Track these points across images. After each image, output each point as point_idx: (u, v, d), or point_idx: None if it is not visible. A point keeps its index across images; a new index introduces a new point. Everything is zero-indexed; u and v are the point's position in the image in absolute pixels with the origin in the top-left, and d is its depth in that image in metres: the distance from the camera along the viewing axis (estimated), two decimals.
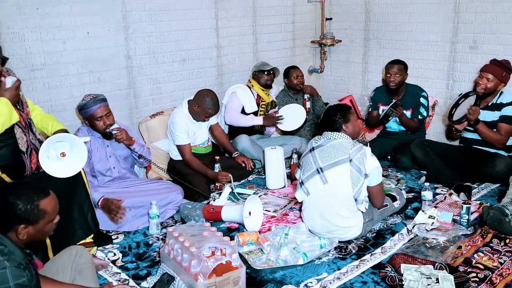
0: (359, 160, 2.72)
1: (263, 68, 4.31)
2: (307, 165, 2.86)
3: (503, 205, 3.04)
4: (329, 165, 2.76)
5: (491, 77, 3.65)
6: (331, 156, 2.77)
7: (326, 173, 2.77)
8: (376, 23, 4.88)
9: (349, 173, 2.72)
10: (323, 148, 2.81)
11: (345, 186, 2.75)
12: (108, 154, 3.27)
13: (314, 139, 2.92)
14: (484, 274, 2.52)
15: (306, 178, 2.86)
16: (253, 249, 2.79)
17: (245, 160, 3.94)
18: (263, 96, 4.32)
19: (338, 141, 2.79)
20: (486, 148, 3.79)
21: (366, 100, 4.92)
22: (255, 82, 4.33)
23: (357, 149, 2.75)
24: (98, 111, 3.10)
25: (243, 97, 4.23)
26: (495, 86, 3.68)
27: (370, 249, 2.83)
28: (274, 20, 4.89)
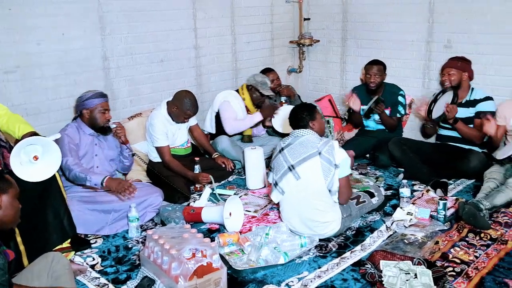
0: (328, 152, 2.78)
1: (261, 88, 4.17)
2: (279, 165, 2.90)
3: (478, 200, 3.11)
4: (299, 161, 2.81)
5: (451, 71, 3.79)
6: (300, 152, 2.82)
7: (297, 169, 2.81)
8: (353, 23, 4.93)
9: (320, 165, 2.78)
10: (291, 146, 2.86)
11: (318, 178, 2.79)
12: (94, 152, 3.25)
13: (282, 141, 2.98)
14: (460, 268, 2.57)
15: (279, 178, 2.89)
16: (234, 249, 2.79)
17: (225, 160, 3.94)
18: (252, 110, 4.29)
19: (305, 138, 2.85)
20: (461, 144, 3.88)
21: (345, 99, 4.96)
22: (248, 96, 4.25)
23: (324, 142, 2.83)
24: (102, 104, 3.18)
25: (236, 106, 4.19)
26: (459, 77, 3.80)
27: (350, 246, 2.85)
28: (252, 20, 4.90)
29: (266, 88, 4.20)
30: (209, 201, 3.47)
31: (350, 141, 4.50)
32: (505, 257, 2.67)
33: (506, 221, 3.09)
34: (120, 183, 2.96)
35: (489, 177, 3.43)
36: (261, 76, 4.28)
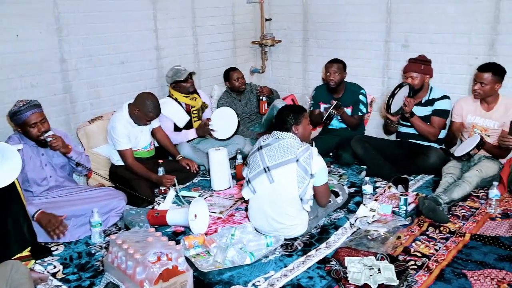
0: (306, 160, 2.76)
1: (178, 78, 4.11)
2: (255, 163, 2.88)
3: (437, 195, 3.21)
4: (276, 164, 2.79)
5: (414, 74, 3.87)
6: (278, 155, 2.80)
7: (272, 172, 2.80)
8: (314, 24, 4.99)
9: (296, 173, 2.77)
10: (270, 147, 2.85)
11: (291, 186, 2.79)
12: (43, 162, 3.14)
13: (263, 138, 2.95)
14: (421, 262, 2.64)
15: (253, 176, 2.88)
16: (200, 251, 2.78)
17: (189, 162, 3.91)
18: (191, 103, 4.22)
19: (286, 141, 2.83)
20: (420, 141, 3.99)
21: (308, 99, 5.02)
22: (177, 93, 4.17)
23: (304, 149, 2.79)
24: (31, 118, 2.96)
25: (171, 113, 4.12)
26: (421, 80, 3.89)
27: (315, 244, 2.89)
28: (214, 21, 4.89)
29: (182, 74, 4.12)
30: (173, 203, 3.43)
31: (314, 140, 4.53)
32: (463, 249, 2.77)
33: (464, 214, 3.20)
34: (51, 220, 2.79)
35: (447, 172, 3.54)
36: (170, 71, 4.22)
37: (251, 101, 4.69)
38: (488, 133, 3.65)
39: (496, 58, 3.85)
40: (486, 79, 3.51)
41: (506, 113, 3.57)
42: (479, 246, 2.80)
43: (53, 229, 2.79)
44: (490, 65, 3.57)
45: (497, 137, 3.62)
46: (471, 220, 3.12)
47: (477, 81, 3.57)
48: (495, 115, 3.62)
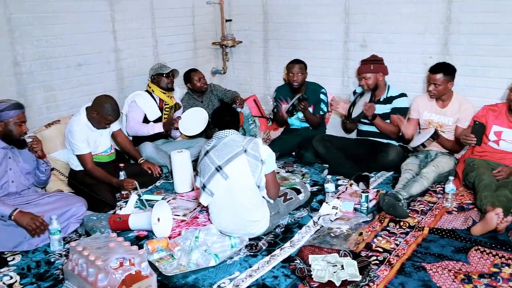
0: (253, 148, 2.82)
1: (161, 71, 4.21)
2: (205, 168, 2.89)
3: (397, 191, 3.29)
4: (226, 160, 2.82)
5: (367, 75, 3.99)
6: (226, 152, 2.83)
7: (225, 169, 2.82)
8: (274, 24, 5.02)
9: (247, 162, 2.81)
10: (216, 148, 2.87)
11: (246, 176, 2.82)
12: (8, 166, 3.03)
13: (206, 144, 2.98)
14: (383, 257, 2.70)
15: (207, 180, 2.88)
16: (164, 255, 2.74)
17: (151, 166, 3.85)
18: (166, 100, 4.24)
19: (229, 138, 2.88)
20: (379, 139, 4.09)
21: (269, 99, 5.05)
22: (155, 86, 4.22)
23: (248, 140, 2.86)
24: (20, 116, 2.96)
25: (144, 105, 4.12)
26: (375, 79, 4.00)
27: (279, 244, 2.90)
28: (173, 22, 4.84)
29: (166, 68, 4.22)
30: (136, 207, 3.38)
31: (276, 140, 4.58)
32: (422, 243, 2.85)
33: (422, 209, 3.30)
34: (32, 218, 2.82)
35: (405, 169, 3.64)
36: (156, 64, 4.32)
37: (213, 102, 4.67)
38: (444, 129, 3.78)
39: (449, 57, 3.98)
40: (438, 80, 3.64)
41: (459, 109, 3.71)
42: (437, 239, 2.89)
43: (34, 229, 2.81)
44: (441, 66, 3.68)
45: (452, 133, 3.76)
46: (429, 214, 3.22)
47: (430, 82, 3.68)
48: (449, 111, 3.75)
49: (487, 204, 3.04)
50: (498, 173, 3.36)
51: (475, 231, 2.92)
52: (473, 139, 3.40)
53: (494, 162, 3.50)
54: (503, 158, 3.49)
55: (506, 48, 3.73)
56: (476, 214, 3.19)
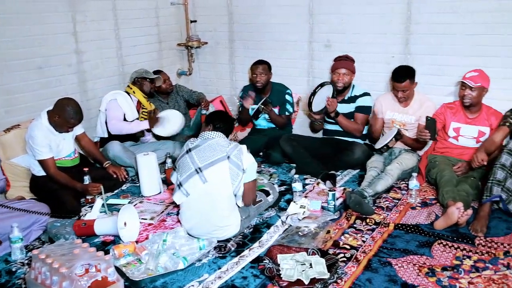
0: (237, 156, 2.80)
1: (147, 75, 4.19)
2: (185, 166, 2.85)
3: (363, 189, 3.35)
4: (207, 164, 2.79)
5: (346, 71, 4.02)
6: (209, 155, 2.80)
7: (205, 172, 2.79)
8: (239, 25, 5.02)
9: (228, 170, 2.79)
10: (200, 148, 2.83)
11: (225, 183, 2.80)
12: None
13: (190, 141, 2.93)
14: (350, 253, 2.74)
15: (184, 179, 2.84)
16: (131, 260, 2.70)
17: (117, 170, 3.78)
18: (145, 104, 4.20)
19: (215, 140, 2.85)
20: (345, 138, 4.15)
21: (236, 100, 5.04)
22: (137, 88, 4.19)
23: (233, 146, 2.84)
24: None
25: (124, 104, 4.08)
26: (350, 78, 4.05)
27: (248, 244, 2.90)
28: (137, 23, 4.77)
29: (150, 74, 4.23)
30: (101, 212, 3.31)
31: (243, 141, 4.58)
32: (387, 239, 2.91)
33: (387, 205, 3.37)
34: None
35: (371, 166, 3.70)
36: (141, 69, 4.28)
37: (179, 102, 4.63)
38: (406, 127, 3.87)
39: (410, 56, 4.08)
40: (406, 86, 3.72)
41: (421, 107, 3.81)
42: (402, 234, 2.96)
43: None
44: (404, 72, 3.73)
45: (414, 131, 3.85)
46: (394, 210, 3.29)
47: (398, 90, 3.75)
48: (411, 110, 3.85)
49: (449, 199, 3.14)
50: (458, 169, 3.47)
51: (438, 226, 3.01)
52: (427, 134, 3.50)
53: (454, 158, 3.62)
54: (463, 153, 3.61)
55: (462, 48, 3.85)
56: (438, 209, 3.28)
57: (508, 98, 3.65)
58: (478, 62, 3.73)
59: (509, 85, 3.70)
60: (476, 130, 3.56)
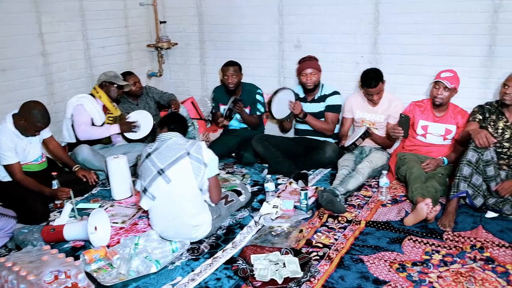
0: (196, 151, 2.81)
1: (115, 81, 4.04)
2: (147, 171, 2.83)
3: (334, 187, 3.39)
4: (169, 164, 2.78)
5: (312, 70, 4.06)
6: (169, 155, 2.79)
7: (167, 173, 2.77)
8: (209, 26, 5.00)
9: (190, 165, 2.79)
10: (159, 150, 2.82)
11: (189, 179, 2.80)
12: None
13: (148, 146, 2.92)
14: (323, 252, 2.77)
15: (148, 183, 2.82)
16: (102, 265, 2.66)
17: (86, 174, 3.71)
18: (111, 109, 4.09)
19: (172, 140, 2.84)
20: (316, 137, 4.19)
21: (207, 101, 5.03)
22: (103, 92, 4.05)
23: (192, 143, 2.85)
24: None
25: (91, 109, 3.96)
26: (318, 77, 4.10)
27: (221, 245, 2.90)
28: (105, 24, 4.70)
29: (120, 80, 4.11)
30: (71, 217, 3.25)
31: (216, 142, 4.58)
32: (359, 236, 2.95)
33: (359, 203, 3.41)
34: None
35: (342, 165, 3.75)
36: (111, 72, 4.14)
37: (149, 104, 4.58)
38: (376, 126, 3.94)
39: (378, 56, 4.15)
40: (379, 89, 3.79)
41: (389, 106, 3.88)
42: (373, 231, 3.01)
43: None
44: (373, 76, 3.77)
45: (384, 129, 3.92)
46: (366, 208, 3.34)
47: (373, 93, 3.80)
48: (380, 109, 3.91)
49: (418, 195, 3.20)
50: (426, 166, 3.54)
51: (408, 222, 3.07)
52: (401, 131, 3.56)
53: (422, 155, 3.70)
54: (431, 151, 3.69)
55: (429, 47, 3.94)
56: (408, 205, 3.35)
57: (473, 96, 3.77)
58: (445, 61, 3.83)
59: (474, 84, 3.81)
60: (443, 128, 3.65)
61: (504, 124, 3.30)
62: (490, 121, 3.34)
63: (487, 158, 3.09)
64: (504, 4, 3.58)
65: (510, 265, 2.58)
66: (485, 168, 3.11)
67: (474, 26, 3.73)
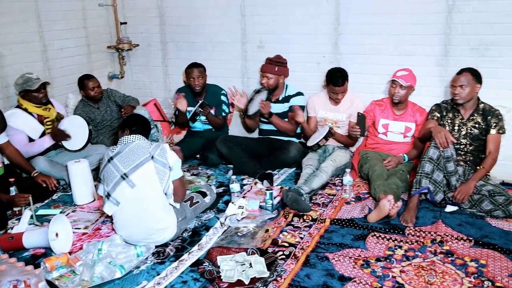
0: (161, 155, 2.76)
1: (29, 87, 3.75)
2: (109, 176, 2.77)
3: (299, 186, 3.42)
4: (132, 168, 2.73)
5: (269, 75, 4.11)
6: (132, 159, 2.75)
7: (131, 177, 2.73)
8: (171, 27, 4.96)
9: (154, 169, 2.74)
10: (122, 154, 2.77)
11: (154, 183, 2.76)
12: None
13: (110, 149, 2.86)
14: (289, 251, 2.79)
15: (112, 188, 2.77)
16: (64, 272, 2.59)
17: (46, 179, 3.60)
18: (44, 114, 3.90)
19: (135, 143, 2.80)
20: (280, 137, 4.22)
21: (170, 102, 4.97)
22: (27, 103, 3.81)
23: (155, 146, 2.80)
24: None
25: (22, 125, 3.74)
26: (276, 81, 4.13)
27: (187, 248, 2.87)
28: (63, 25, 4.57)
29: (34, 83, 3.75)
30: (30, 224, 3.15)
31: (180, 143, 4.54)
32: (324, 234, 2.99)
33: (323, 201, 3.46)
34: None
35: (306, 164, 3.79)
36: (20, 78, 3.82)
37: (111, 107, 4.48)
38: (338, 125, 4.00)
39: (340, 56, 4.22)
40: (344, 88, 3.86)
41: (351, 105, 3.95)
42: (338, 229, 3.05)
43: None
44: (340, 75, 3.85)
45: (346, 128, 3.99)
46: (330, 206, 3.39)
47: (338, 92, 3.86)
48: (342, 108, 3.98)
49: (380, 192, 3.28)
50: (388, 163, 3.63)
51: (371, 218, 3.13)
52: (358, 130, 3.64)
53: (384, 153, 3.79)
54: (392, 148, 3.78)
55: (387, 47, 4.04)
56: (371, 202, 3.42)
57: (431, 95, 3.88)
58: (403, 61, 3.93)
59: (431, 82, 3.92)
60: (403, 126, 3.75)
61: (460, 121, 3.41)
62: (447, 119, 3.45)
63: (447, 154, 3.19)
64: (457, 5, 3.71)
65: (468, 257, 2.68)
66: (446, 164, 3.21)
67: (430, 26, 3.84)
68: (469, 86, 3.29)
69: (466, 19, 3.70)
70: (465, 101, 3.34)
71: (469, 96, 3.32)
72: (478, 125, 3.36)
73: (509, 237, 2.89)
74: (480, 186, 3.23)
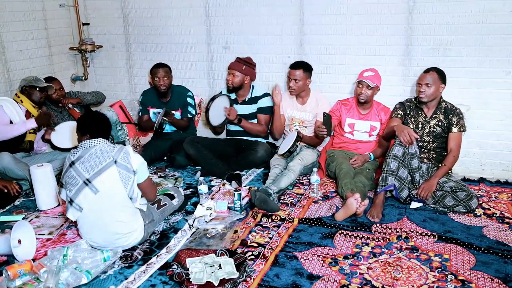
0: (124, 159, 2.72)
1: (36, 84, 3.90)
2: (72, 181, 2.71)
3: (267, 186, 3.43)
4: (95, 173, 2.67)
5: (236, 72, 4.11)
6: (94, 164, 2.68)
7: (94, 183, 2.67)
8: (135, 27, 4.89)
9: (118, 174, 2.69)
10: (83, 159, 2.70)
11: (118, 188, 2.71)
12: None
13: (71, 153, 2.78)
14: (258, 251, 2.80)
15: (74, 194, 2.71)
16: (28, 280, 2.50)
17: (8, 185, 3.49)
18: (34, 113, 3.90)
19: (98, 147, 2.73)
20: (247, 137, 4.23)
21: (136, 104, 4.90)
22: (25, 97, 3.90)
23: (118, 149, 2.74)
24: None
25: (12, 112, 3.78)
26: (241, 80, 4.14)
27: (155, 251, 2.84)
28: (22, 26, 4.44)
29: (41, 82, 3.96)
30: None
31: (147, 145, 4.49)
32: (293, 233, 3.01)
33: (291, 201, 3.48)
34: None
35: (274, 164, 3.81)
36: (30, 76, 4.01)
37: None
38: (305, 124, 4.04)
39: (305, 56, 4.26)
40: (298, 76, 3.88)
41: (317, 105, 4.00)
42: (306, 228, 3.08)
43: None
44: (300, 63, 3.95)
45: (313, 127, 4.03)
46: (298, 205, 3.42)
47: (291, 78, 3.91)
48: (308, 107, 4.02)
49: (347, 190, 3.33)
50: (354, 162, 3.69)
51: (339, 217, 3.17)
52: (324, 130, 3.68)
53: (350, 152, 3.85)
54: (358, 147, 3.85)
55: (351, 47, 4.10)
56: (338, 201, 3.46)
57: (394, 94, 3.97)
58: (367, 61, 4.00)
59: (394, 81, 4.01)
60: (369, 125, 3.82)
61: (423, 119, 3.50)
62: (410, 117, 3.54)
63: (412, 151, 3.27)
64: (417, 6, 3.81)
65: (432, 252, 2.75)
66: (410, 160, 3.29)
67: (392, 27, 3.93)
68: (434, 85, 3.39)
69: (426, 20, 3.81)
70: (429, 99, 3.43)
71: (433, 95, 3.41)
72: (440, 123, 3.46)
73: (471, 231, 2.99)
74: (442, 182, 3.33)
